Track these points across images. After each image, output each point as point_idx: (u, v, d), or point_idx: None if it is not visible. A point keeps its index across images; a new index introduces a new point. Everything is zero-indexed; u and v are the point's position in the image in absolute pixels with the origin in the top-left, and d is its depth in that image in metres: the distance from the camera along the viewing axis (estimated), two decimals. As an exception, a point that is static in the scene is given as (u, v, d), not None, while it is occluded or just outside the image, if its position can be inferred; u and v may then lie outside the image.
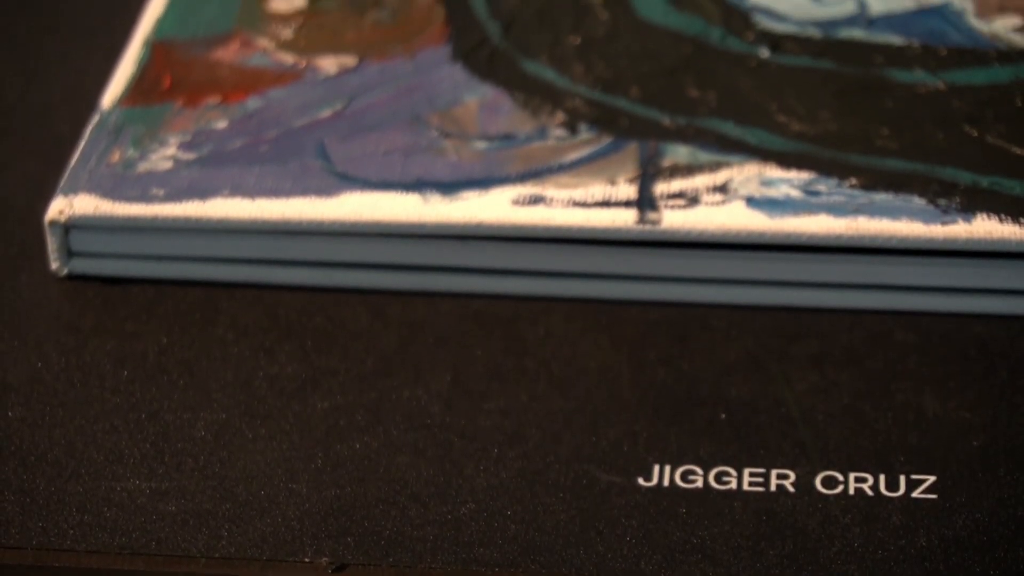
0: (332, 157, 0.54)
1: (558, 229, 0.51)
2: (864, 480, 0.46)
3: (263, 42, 0.59)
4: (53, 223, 0.52)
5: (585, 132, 0.55)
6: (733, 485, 0.46)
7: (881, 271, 0.51)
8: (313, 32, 0.60)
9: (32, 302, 0.52)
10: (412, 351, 0.51)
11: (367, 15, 0.61)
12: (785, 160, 0.53)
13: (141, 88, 0.57)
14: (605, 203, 0.52)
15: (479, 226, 0.51)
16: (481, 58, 0.58)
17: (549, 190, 0.52)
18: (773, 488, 0.46)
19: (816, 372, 0.50)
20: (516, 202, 0.52)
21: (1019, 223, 0.50)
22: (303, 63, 0.58)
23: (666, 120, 0.55)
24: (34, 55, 0.62)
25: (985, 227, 0.50)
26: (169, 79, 0.58)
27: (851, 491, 0.46)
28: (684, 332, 0.51)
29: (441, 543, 0.45)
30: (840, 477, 0.46)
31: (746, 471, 0.47)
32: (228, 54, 0.59)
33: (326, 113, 0.56)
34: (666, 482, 0.46)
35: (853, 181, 0.52)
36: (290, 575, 0.44)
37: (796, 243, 0.51)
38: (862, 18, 0.59)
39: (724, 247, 0.51)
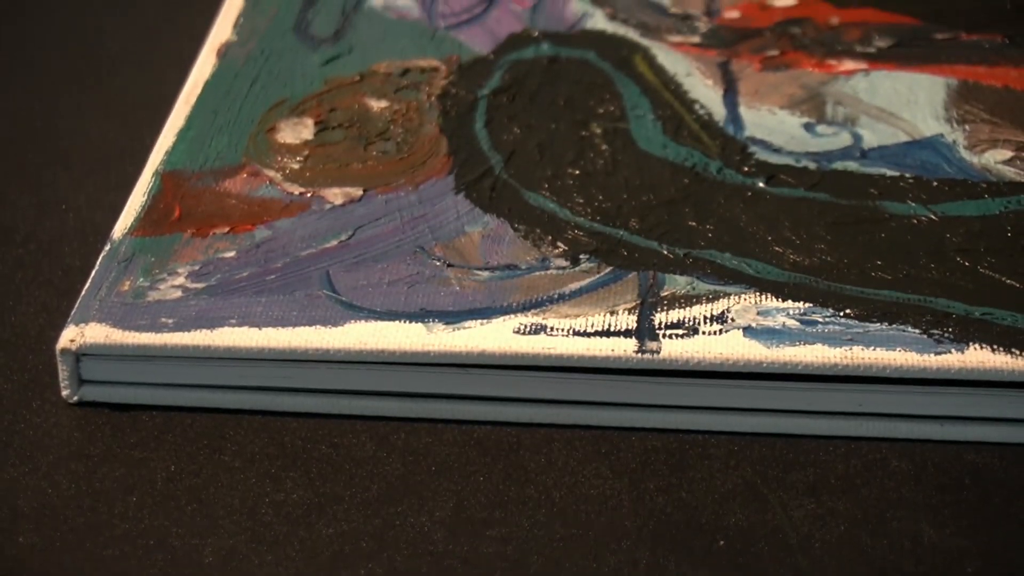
0: (338, 287, 0.55)
1: (559, 358, 0.52)
2: (861, 607, 0.47)
3: (271, 173, 0.61)
4: (64, 351, 0.53)
5: (586, 263, 0.56)
6: (732, 612, 0.47)
7: (876, 400, 0.52)
8: (320, 163, 0.61)
9: (43, 429, 0.53)
10: (416, 478, 0.51)
11: (372, 147, 0.62)
12: (782, 290, 0.54)
13: (151, 218, 0.58)
14: (605, 333, 0.53)
15: (482, 355, 0.52)
16: (484, 189, 0.60)
17: (550, 320, 0.53)
18: (771, 615, 0.47)
19: (813, 500, 0.50)
20: (518, 331, 0.53)
21: (1012, 353, 0.51)
22: (310, 194, 0.60)
23: (665, 251, 0.56)
24: (47, 187, 0.63)
25: (978, 357, 0.51)
26: (179, 209, 0.59)
27: (848, 618, 0.47)
28: (683, 460, 0.52)
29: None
30: (837, 604, 0.47)
31: (745, 598, 0.47)
32: (236, 185, 0.60)
33: (332, 243, 0.57)
34: (666, 609, 0.47)
35: (848, 311, 0.53)
36: None
37: (793, 372, 0.52)
38: (856, 150, 0.61)
39: (722, 376, 0.52)
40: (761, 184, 0.59)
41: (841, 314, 0.53)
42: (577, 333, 0.53)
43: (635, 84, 0.64)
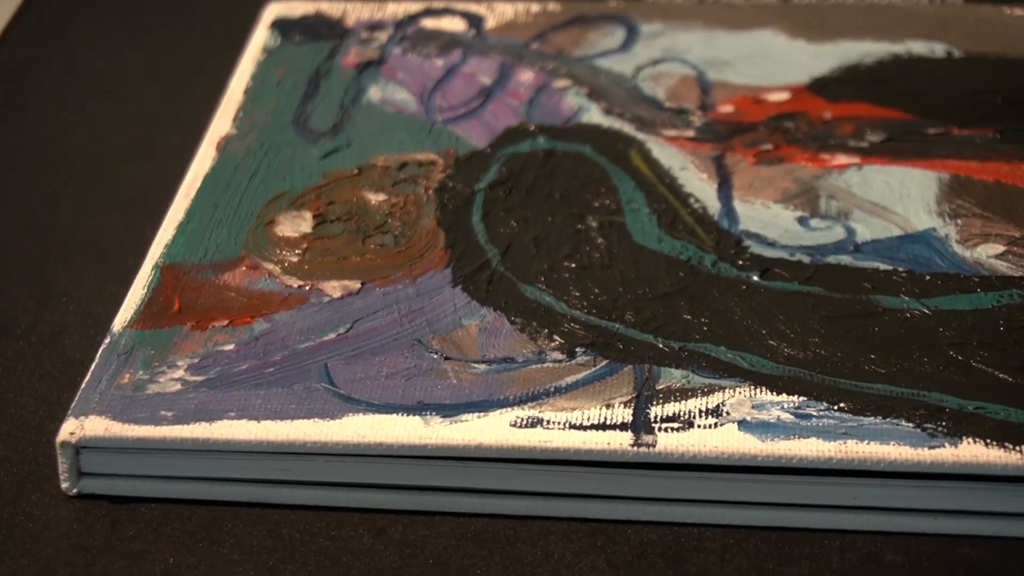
0: (336, 380, 0.55)
1: (555, 451, 0.53)
2: None
3: (270, 266, 0.61)
4: (64, 444, 0.54)
5: (582, 356, 0.56)
6: None
7: (870, 493, 0.52)
8: (318, 256, 0.62)
9: (42, 521, 0.53)
10: (413, 571, 0.52)
11: (370, 240, 0.62)
12: (776, 384, 0.55)
13: (151, 311, 0.59)
14: (601, 426, 0.53)
15: (478, 448, 0.53)
16: (481, 282, 0.60)
17: (547, 413, 0.54)
18: None
19: (808, 593, 0.51)
20: (514, 424, 0.53)
21: (1005, 447, 0.52)
22: (308, 287, 0.60)
23: (661, 344, 0.57)
24: (48, 280, 0.64)
25: (971, 451, 0.52)
26: (178, 302, 0.59)
27: None
28: (679, 553, 0.52)
29: None
30: None
31: None
32: (236, 278, 0.61)
33: (330, 336, 0.58)
34: None
35: (842, 405, 0.54)
36: None
37: (787, 466, 0.52)
38: (850, 244, 0.61)
39: (718, 469, 0.53)
40: (756, 278, 0.60)
41: (835, 408, 0.53)
42: (573, 426, 0.53)
43: (631, 178, 0.65)
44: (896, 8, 0.75)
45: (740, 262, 0.61)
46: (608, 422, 0.53)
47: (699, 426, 0.53)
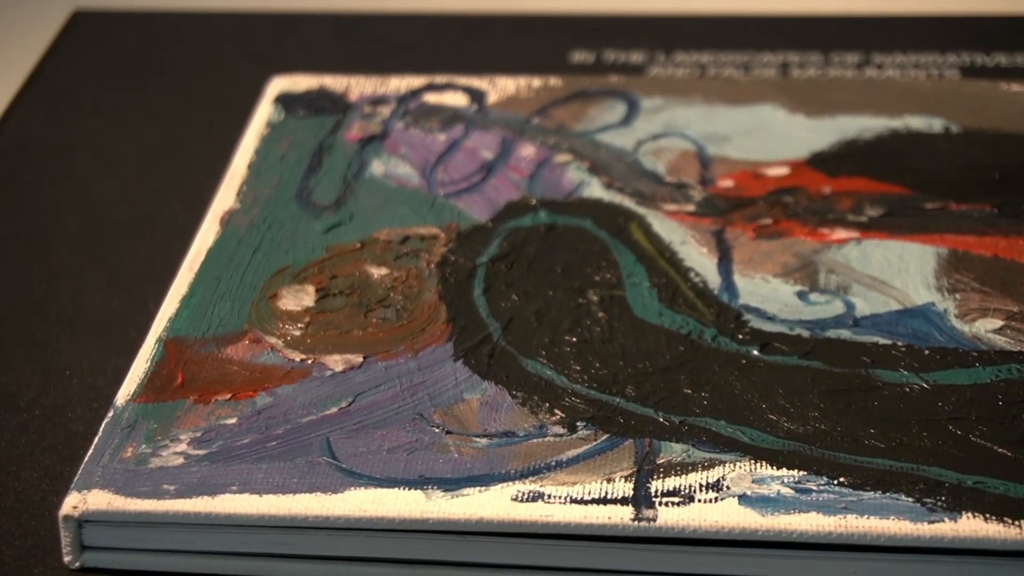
0: (338, 454, 0.56)
1: (557, 526, 0.53)
2: None
3: (272, 340, 0.61)
4: (67, 518, 0.54)
5: (583, 430, 0.57)
6: None
7: (871, 568, 0.52)
8: (321, 330, 0.62)
9: (44, 596, 0.54)
10: (414, 646, 0.52)
11: (373, 314, 0.63)
12: (776, 458, 0.55)
13: (154, 385, 0.59)
14: (602, 500, 0.53)
15: (480, 522, 0.53)
16: (482, 356, 0.60)
17: (548, 487, 0.54)
18: None
19: (809, 669, 0.51)
20: (516, 499, 0.53)
21: (1004, 522, 0.52)
22: (311, 360, 0.60)
23: (661, 418, 0.57)
24: (51, 353, 0.64)
25: (971, 526, 0.52)
26: (181, 376, 0.60)
27: None
28: (680, 628, 0.52)
29: None
30: None
31: None
32: (239, 352, 0.61)
33: (332, 410, 0.58)
34: None
35: (842, 479, 0.54)
36: None
37: (788, 540, 0.52)
38: (849, 318, 0.62)
39: (718, 544, 0.53)
40: (755, 352, 0.60)
41: (835, 482, 0.54)
42: (574, 500, 0.53)
43: (631, 252, 0.66)
44: (894, 83, 0.76)
45: (740, 336, 0.61)
46: (609, 496, 0.53)
47: (700, 500, 0.53)
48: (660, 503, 0.53)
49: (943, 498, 0.53)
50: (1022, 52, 0.79)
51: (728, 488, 0.54)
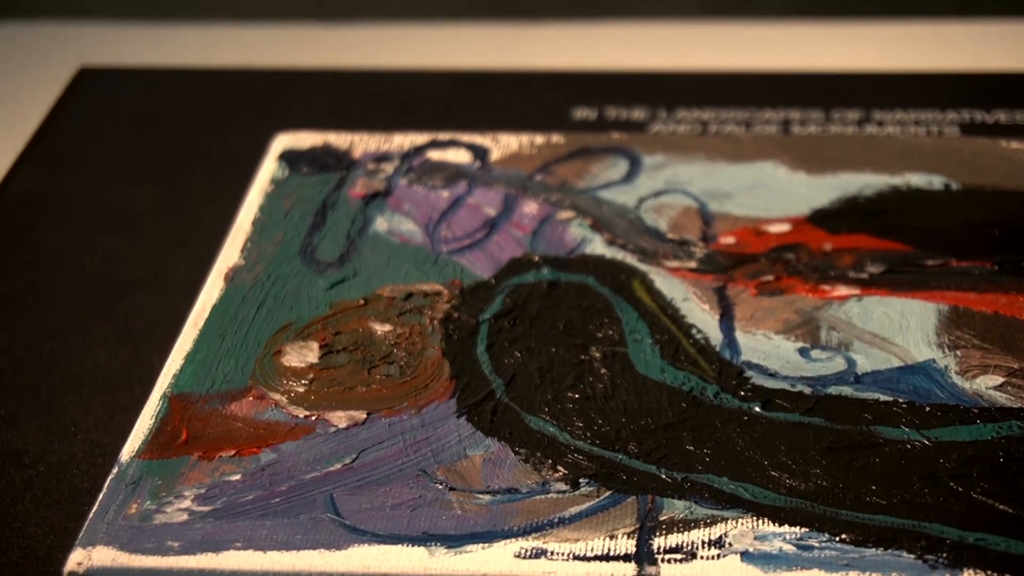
0: (341, 510, 0.56)
1: (560, 582, 0.53)
2: None
3: (276, 396, 0.62)
4: (72, 574, 0.54)
5: (585, 486, 0.57)
6: None
7: (873, 625, 0.53)
8: (324, 387, 0.62)
9: (48, 652, 0.54)
10: None
11: (376, 370, 0.63)
12: (778, 515, 0.55)
13: (159, 441, 0.59)
14: (605, 557, 0.53)
15: (483, 579, 0.53)
16: (485, 413, 0.61)
17: (551, 544, 0.54)
18: None
19: None
20: (519, 555, 0.54)
21: (1005, 579, 0.52)
22: (315, 417, 0.61)
23: (663, 475, 0.57)
24: (57, 409, 0.64)
25: (972, 583, 0.52)
26: (186, 432, 0.60)
27: None
28: None
29: None
30: None
31: None
32: (243, 408, 0.61)
33: (336, 466, 0.58)
34: None
35: (844, 536, 0.54)
36: None
37: (790, 597, 0.52)
38: (850, 375, 0.62)
39: (720, 600, 0.53)
40: (757, 409, 0.60)
41: (837, 539, 0.54)
42: (577, 557, 0.54)
43: (633, 308, 0.66)
44: (895, 141, 0.76)
45: (742, 393, 0.61)
46: (612, 553, 0.54)
47: (702, 557, 0.53)
48: (663, 560, 0.53)
49: (945, 555, 0.53)
50: (1021, 110, 0.80)
51: (730, 545, 0.54)
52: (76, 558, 0.54)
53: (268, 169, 0.76)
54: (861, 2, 1.66)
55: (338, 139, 0.78)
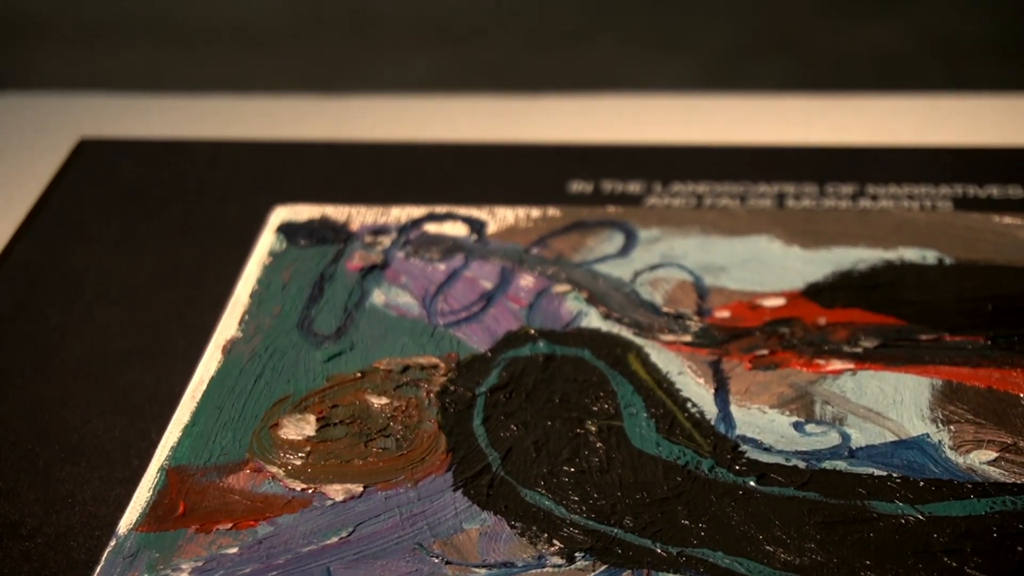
0: (338, 584, 0.56)
1: (555, 657, 0.53)
2: None
3: (274, 469, 0.62)
4: (68, 648, 0.54)
5: (581, 560, 0.57)
6: None
7: None
8: (321, 460, 0.63)
9: None
10: None
11: (373, 443, 0.63)
12: (773, 590, 0.55)
13: (156, 514, 0.60)
14: (601, 632, 0.54)
15: (479, 654, 0.53)
16: (481, 487, 0.61)
17: (547, 618, 0.54)
18: None
19: None
20: (515, 630, 0.54)
21: (999, 655, 0.52)
22: (311, 490, 0.61)
23: (659, 549, 0.57)
24: (54, 481, 0.65)
25: (966, 659, 0.52)
26: (183, 505, 0.60)
27: None
28: None
29: None
30: None
31: None
32: (240, 481, 0.61)
33: (333, 540, 0.58)
34: None
35: (839, 612, 0.54)
36: None
37: (785, 673, 0.53)
38: (844, 449, 0.62)
39: (716, 676, 0.53)
40: (752, 483, 0.61)
41: (832, 614, 0.54)
42: (573, 632, 0.54)
43: (629, 382, 0.66)
44: (889, 215, 0.77)
45: (737, 467, 0.61)
46: (607, 628, 0.54)
47: (697, 632, 0.54)
48: (658, 635, 0.53)
49: (939, 631, 0.53)
50: (1014, 184, 0.80)
51: (725, 620, 0.54)
52: (73, 631, 0.54)
53: (266, 241, 0.76)
54: (854, 77, 1.68)
55: (336, 212, 0.78)
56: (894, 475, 0.61)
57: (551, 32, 1.80)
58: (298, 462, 0.62)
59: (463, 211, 0.78)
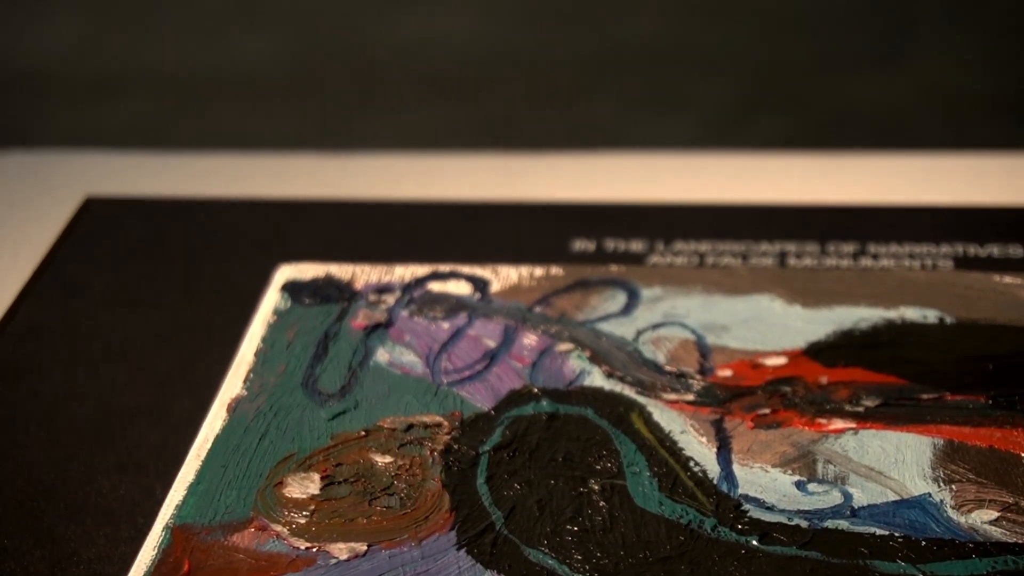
0: (342, 643, 0.56)
1: None
2: None
3: (278, 528, 0.62)
4: None
5: (584, 620, 0.57)
6: None
7: None
8: (326, 518, 0.63)
9: None
10: None
11: (377, 502, 0.64)
12: (776, 650, 0.55)
13: (161, 573, 0.60)
14: None
15: None
16: (485, 545, 0.61)
17: (550, 678, 0.54)
18: None
19: None
20: None
21: None
22: (316, 548, 0.61)
23: (662, 609, 0.58)
24: (59, 540, 0.65)
25: None
26: (188, 564, 0.60)
27: None
28: None
29: None
30: None
31: None
32: (245, 539, 0.62)
33: (337, 599, 0.59)
34: None
35: (841, 671, 0.54)
36: None
37: None
38: (846, 508, 0.62)
39: None
40: (755, 542, 0.61)
41: (834, 674, 0.54)
42: None
43: (632, 441, 0.67)
44: (890, 274, 0.77)
45: (739, 526, 0.62)
46: None
47: None
48: None
49: None
50: (1014, 244, 0.81)
51: None
52: None
53: (271, 300, 0.77)
54: (855, 135, 1.68)
55: (340, 270, 0.79)
56: (896, 534, 0.61)
57: (553, 90, 1.81)
58: (302, 520, 0.63)
59: (467, 270, 0.79)
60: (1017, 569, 0.59)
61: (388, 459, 0.66)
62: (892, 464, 0.65)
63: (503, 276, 0.78)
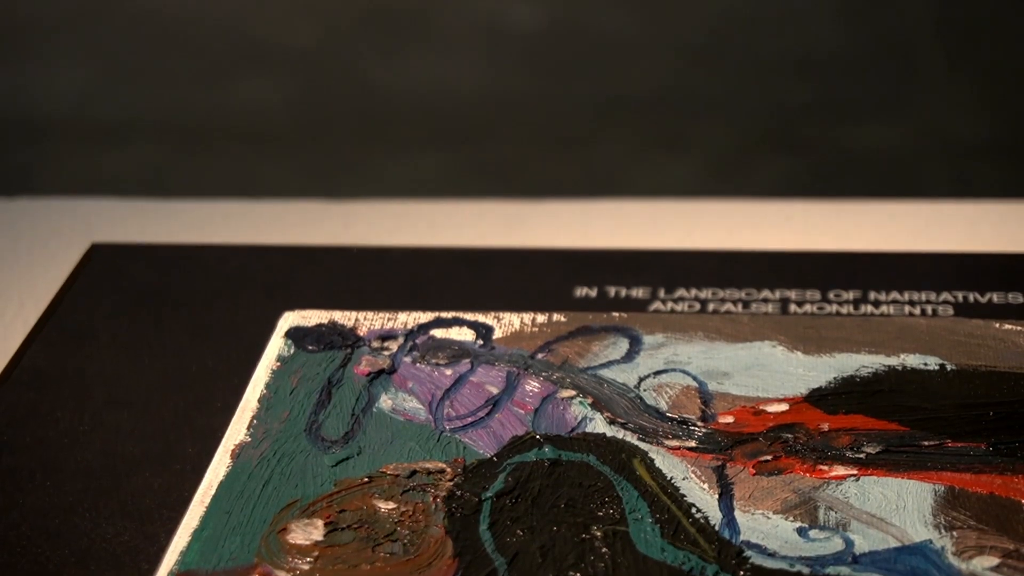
0: None
1: None
2: None
3: (282, 574, 0.63)
4: None
5: (587, 666, 0.57)
6: None
7: None
8: (329, 564, 0.63)
9: None
10: None
11: (380, 548, 0.64)
12: None
13: (164, 619, 0.60)
14: None
15: None
16: (488, 592, 0.61)
17: None
18: None
19: None
20: None
21: None
22: (319, 595, 0.61)
23: (664, 655, 0.58)
24: (64, 585, 0.65)
25: None
26: (191, 610, 0.61)
27: None
28: None
29: None
30: None
31: None
32: (248, 586, 0.62)
33: (340, 645, 0.59)
34: None
35: None
36: None
37: None
38: (848, 555, 0.63)
39: None
40: (757, 588, 0.61)
41: None
42: None
43: (634, 487, 0.67)
44: (891, 321, 0.78)
45: (741, 573, 0.62)
46: None
47: None
48: None
49: None
50: (1015, 291, 0.81)
51: None
52: None
53: (275, 346, 0.77)
54: (856, 181, 1.69)
55: (343, 316, 0.79)
56: (897, 581, 0.61)
57: (554, 137, 1.82)
58: (306, 567, 0.63)
59: (470, 316, 0.79)
60: (1018, 616, 0.59)
61: (391, 505, 0.66)
62: (893, 511, 0.65)
63: (506, 323, 0.78)
